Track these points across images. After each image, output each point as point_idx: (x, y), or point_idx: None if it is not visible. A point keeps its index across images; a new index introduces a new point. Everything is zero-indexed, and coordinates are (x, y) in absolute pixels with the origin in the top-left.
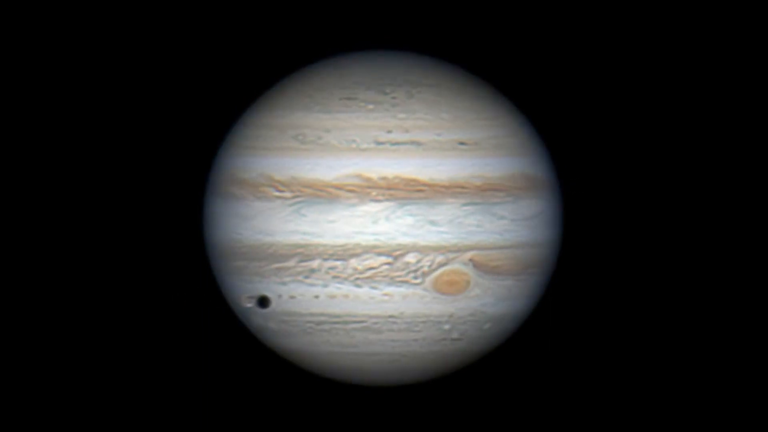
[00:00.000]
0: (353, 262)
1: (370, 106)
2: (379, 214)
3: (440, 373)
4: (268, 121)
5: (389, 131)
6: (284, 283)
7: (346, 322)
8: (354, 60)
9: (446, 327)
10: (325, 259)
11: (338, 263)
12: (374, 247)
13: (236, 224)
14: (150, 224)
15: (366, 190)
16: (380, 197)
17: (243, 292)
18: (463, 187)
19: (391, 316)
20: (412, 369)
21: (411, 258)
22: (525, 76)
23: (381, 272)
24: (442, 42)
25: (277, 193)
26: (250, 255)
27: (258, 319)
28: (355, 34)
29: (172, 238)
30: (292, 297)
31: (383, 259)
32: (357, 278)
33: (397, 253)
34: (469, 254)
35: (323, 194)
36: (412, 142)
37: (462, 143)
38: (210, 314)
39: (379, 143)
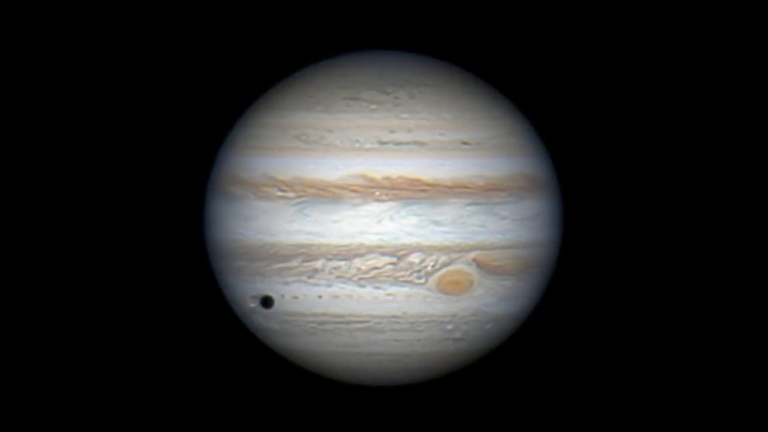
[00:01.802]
0: (357, 262)
1: (373, 106)
2: (383, 214)
3: (441, 373)
4: (270, 120)
5: (392, 131)
6: (287, 284)
7: (348, 322)
8: (355, 60)
9: (449, 327)
10: (329, 259)
11: (342, 263)
12: (378, 247)
13: (238, 224)
14: (150, 224)
15: (370, 190)
16: (384, 197)
17: (244, 292)
18: (466, 187)
19: (394, 316)
20: (414, 369)
21: (415, 258)
22: (525, 76)
23: (385, 272)
24: (442, 42)
25: (280, 193)
26: (252, 255)
27: (260, 319)
28: (356, 34)
29: (172, 238)
30: (295, 297)
31: (387, 259)
32: (361, 278)
33: (401, 253)
34: (472, 254)
35: (327, 194)
36: (415, 142)
37: (465, 143)
38: (210, 314)
39: (382, 143)
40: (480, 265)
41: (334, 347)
